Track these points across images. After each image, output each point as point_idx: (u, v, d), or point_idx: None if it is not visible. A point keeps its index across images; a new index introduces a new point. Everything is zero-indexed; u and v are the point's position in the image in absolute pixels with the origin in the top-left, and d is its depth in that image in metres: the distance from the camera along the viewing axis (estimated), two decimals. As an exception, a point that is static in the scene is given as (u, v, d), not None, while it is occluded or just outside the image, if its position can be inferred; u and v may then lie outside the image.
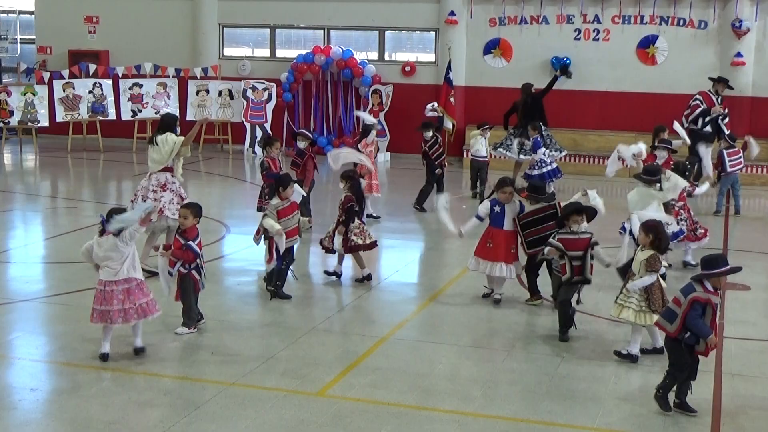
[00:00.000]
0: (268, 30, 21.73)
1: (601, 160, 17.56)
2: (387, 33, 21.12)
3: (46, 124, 20.49)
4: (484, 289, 9.71)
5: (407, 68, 20.66)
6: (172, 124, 10.76)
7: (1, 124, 20.35)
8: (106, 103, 20.81)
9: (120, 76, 20.82)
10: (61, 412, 6.64)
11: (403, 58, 21.24)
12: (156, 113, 20.65)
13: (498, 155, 16.41)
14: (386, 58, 21.20)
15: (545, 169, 15.02)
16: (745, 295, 10.13)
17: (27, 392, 6.98)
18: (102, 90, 20.80)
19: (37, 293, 9.66)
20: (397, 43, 21.62)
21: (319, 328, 8.65)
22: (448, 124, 16.60)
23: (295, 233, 9.47)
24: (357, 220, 10.23)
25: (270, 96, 20.79)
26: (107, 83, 20.81)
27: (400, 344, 8.25)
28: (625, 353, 7.98)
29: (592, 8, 19.41)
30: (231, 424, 6.46)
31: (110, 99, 20.80)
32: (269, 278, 9.53)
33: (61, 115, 20.42)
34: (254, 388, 7.13)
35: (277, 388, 7.12)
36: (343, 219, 10.13)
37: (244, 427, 6.43)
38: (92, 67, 20.92)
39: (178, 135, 10.54)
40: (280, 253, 9.26)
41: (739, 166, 14.49)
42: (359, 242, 10.12)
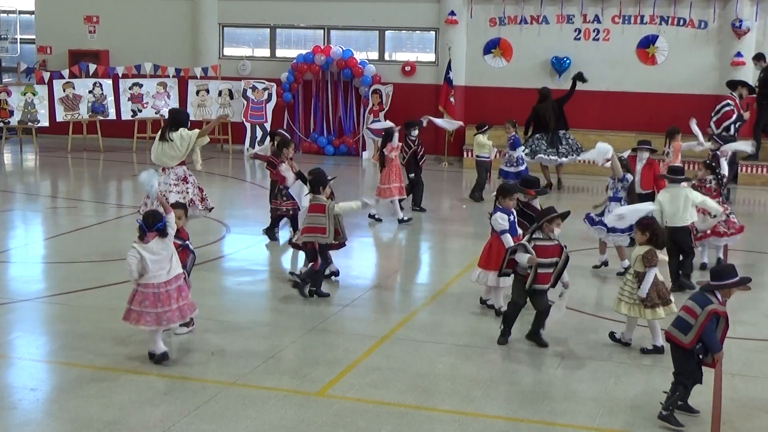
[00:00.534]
0: (268, 30, 21.71)
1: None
2: (387, 33, 21.11)
3: (46, 124, 20.48)
4: (483, 293, 9.58)
5: (407, 68, 20.65)
6: (184, 120, 10.79)
7: (1, 124, 20.34)
8: (106, 103, 20.80)
9: (120, 76, 20.81)
10: (61, 412, 6.64)
11: (403, 58, 21.22)
12: (156, 113, 20.68)
13: (538, 161, 16.51)
14: (386, 58, 21.18)
15: (521, 168, 15.07)
16: (745, 295, 10.07)
17: (27, 392, 6.97)
18: (102, 90, 20.79)
19: (37, 293, 9.65)
20: (397, 43, 21.60)
21: (319, 328, 8.65)
22: (452, 126, 16.43)
23: (324, 231, 9.48)
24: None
25: (270, 96, 20.78)
26: (107, 83, 20.80)
27: (400, 344, 8.24)
28: (618, 336, 8.16)
29: (592, 8, 19.41)
30: (231, 424, 6.46)
31: (110, 99, 20.79)
32: (305, 280, 9.51)
33: (61, 115, 20.41)
34: (254, 388, 7.12)
35: (277, 388, 7.11)
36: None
37: (244, 427, 6.43)
38: (92, 67, 20.90)
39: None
40: (326, 256, 9.62)
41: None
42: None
